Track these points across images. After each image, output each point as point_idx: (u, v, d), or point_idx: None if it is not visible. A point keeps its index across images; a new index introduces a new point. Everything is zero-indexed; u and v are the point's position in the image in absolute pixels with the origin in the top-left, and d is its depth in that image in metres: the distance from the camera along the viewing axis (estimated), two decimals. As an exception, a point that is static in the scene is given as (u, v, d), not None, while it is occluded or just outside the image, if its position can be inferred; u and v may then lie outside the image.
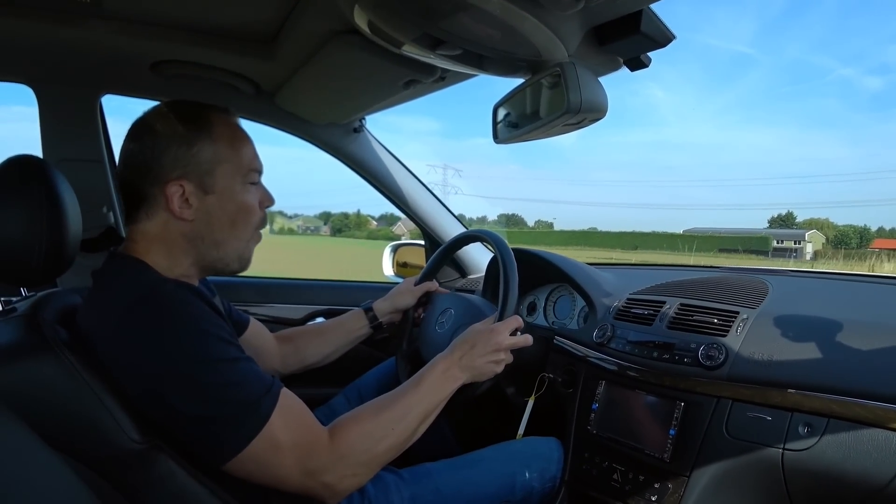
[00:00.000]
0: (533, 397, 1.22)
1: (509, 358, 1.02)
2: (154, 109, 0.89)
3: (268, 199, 0.93)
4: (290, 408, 0.79)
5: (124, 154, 0.86)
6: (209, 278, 1.02)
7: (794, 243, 60.53)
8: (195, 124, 0.85)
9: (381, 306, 1.34)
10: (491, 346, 0.99)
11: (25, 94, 1.33)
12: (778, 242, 60.37)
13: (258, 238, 0.94)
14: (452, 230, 1.85)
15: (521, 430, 1.20)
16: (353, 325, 1.33)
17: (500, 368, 1.01)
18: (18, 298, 0.91)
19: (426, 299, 1.38)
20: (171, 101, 0.89)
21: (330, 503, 0.82)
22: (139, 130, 0.86)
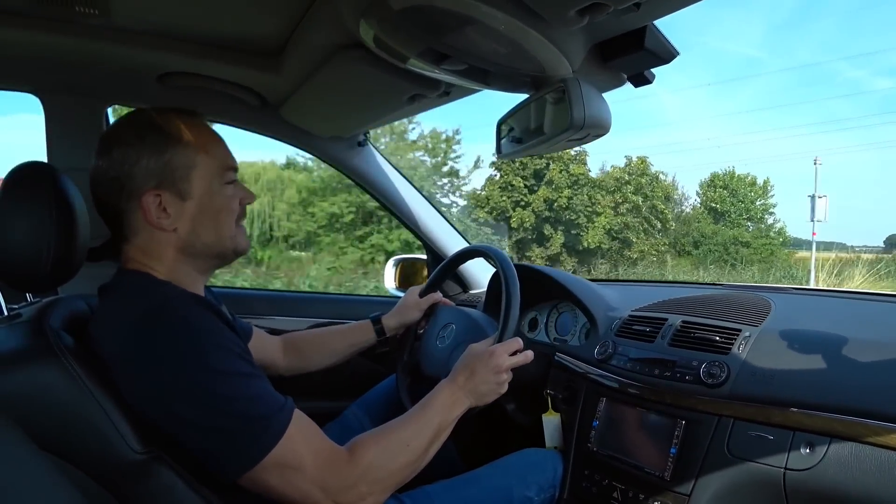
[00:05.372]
0: (554, 414, 1.22)
1: (510, 377, 1.02)
2: (119, 122, 0.86)
3: (248, 196, 0.91)
4: (305, 426, 0.78)
5: (94, 172, 0.82)
6: (214, 290, 1.02)
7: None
8: (164, 131, 0.82)
9: (390, 322, 1.34)
10: (491, 370, 0.98)
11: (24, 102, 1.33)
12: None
13: (243, 231, 0.91)
14: (455, 245, 1.85)
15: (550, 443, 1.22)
16: (358, 338, 1.33)
17: (503, 389, 1.01)
18: (23, 304, 0.91)
19: (430, 311, 1.38)
20: (136, 111, 0.86)
21: None
22: (107, 145, 0.82)
